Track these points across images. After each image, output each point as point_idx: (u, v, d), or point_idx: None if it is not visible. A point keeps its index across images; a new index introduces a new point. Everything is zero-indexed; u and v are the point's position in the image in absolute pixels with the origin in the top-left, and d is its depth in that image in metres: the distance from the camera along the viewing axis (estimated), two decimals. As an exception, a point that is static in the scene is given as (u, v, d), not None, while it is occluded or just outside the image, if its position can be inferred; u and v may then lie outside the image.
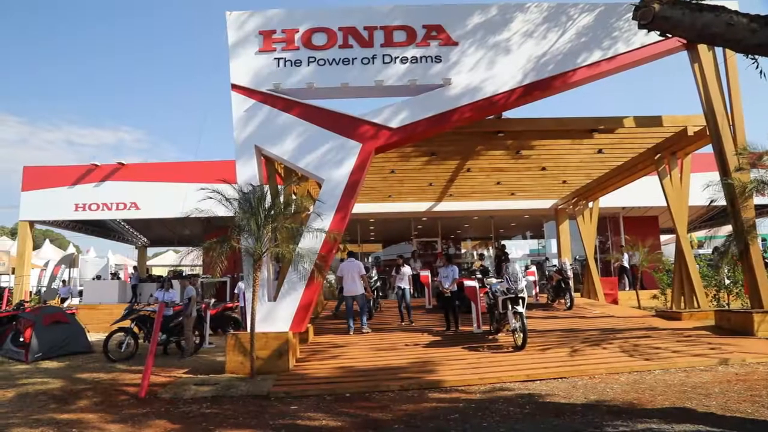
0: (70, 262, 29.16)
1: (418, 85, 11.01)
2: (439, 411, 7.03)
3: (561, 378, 8.39)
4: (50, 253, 36.27)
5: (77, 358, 12.51)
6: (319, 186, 11.06)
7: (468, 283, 12.66)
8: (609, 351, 9.79)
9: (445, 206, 20.88)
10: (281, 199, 10.38)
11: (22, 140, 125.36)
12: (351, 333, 12.61)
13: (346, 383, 8.71)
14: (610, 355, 9.49)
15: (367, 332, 12.45)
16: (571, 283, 15.42)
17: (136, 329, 12.48)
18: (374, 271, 15.55)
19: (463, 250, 27.84)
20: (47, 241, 48.74)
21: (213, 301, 13.84)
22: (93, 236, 29.50)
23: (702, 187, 11.45)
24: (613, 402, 6.99)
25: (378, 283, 15.70)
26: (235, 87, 11.17)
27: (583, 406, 6.87)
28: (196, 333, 12.93)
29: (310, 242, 10.21)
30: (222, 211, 9.83)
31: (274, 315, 10.24)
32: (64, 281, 26.09)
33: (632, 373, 8.51)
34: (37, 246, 47.67)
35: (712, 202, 11.51)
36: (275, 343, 9.80)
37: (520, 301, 10.41)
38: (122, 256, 39.90)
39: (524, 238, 28.97)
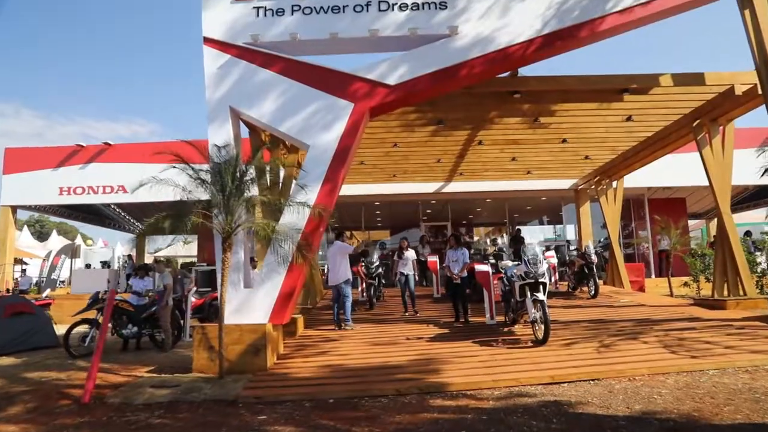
0: (71, 251, 28.01)
1: (420, 36, 9.38)
2: (441, 425, 5.50)
3: (593, 380, 6.82)
4: (58, 244, 35.09)
5: (39, 353, 11.08)
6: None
7: (480, 267, 11.08)
8: (648, 346, 8.18)
9: (456, 187, 19.24)
10: (261, 168, 8.78)
11: (37, 134, 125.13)
12: (338, 329, 11.06)
13: (331, 386, 7.23)
14: (651, 351, 7.88)
15: (350, 328, 10.87)
16: (595, 269, 13.77)
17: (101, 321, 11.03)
18: (376, 256, 13.98)
19: (475, 238, 26.19)
20: (55, 231, 47.84)
21: (194, 289, 12.41)
22: (88, 224, 28.31)
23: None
24: (665, 414, 5.40)
25: (380, 270, 14.14)
26: (207, 41, 9.62)
27: (627, 419, 5.31)
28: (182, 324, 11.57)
29: (293, 219, 8.69)
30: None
31: (250, 304, 8.73)
32: (23, 270, 24.79)
33: (681, 374, 6.92)
34: (45, 236, 46.79)
35: (766, 171, 9.81)
36: (250, 338, 8.31)
37: (541, 287, 8.83)
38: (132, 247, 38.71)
39: (541, 223, 27.21)
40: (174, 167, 8.41)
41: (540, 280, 8.79)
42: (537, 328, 8.72)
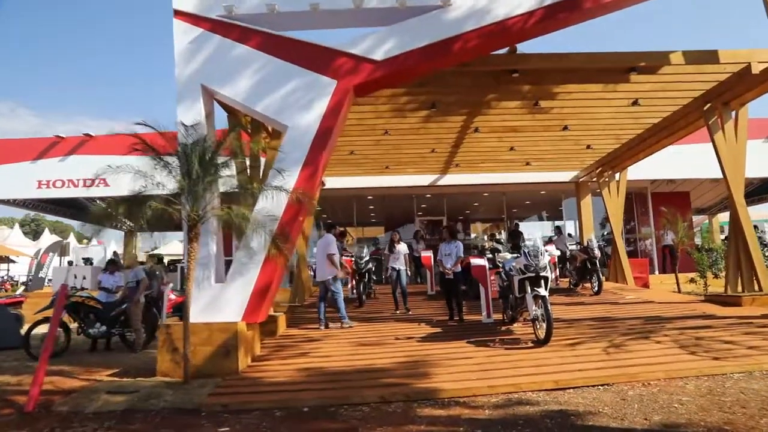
0: (60, 249, 27.14)
1: (409, 7, 8.55)
2: (428, 440, 4.69)
3: (603, 385, 6.02)
4: (50, 243, 34.17)
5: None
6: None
7: (476, 261, 10.27)
8: (662, 346, 7.38)
9: (451, 179, 18.37)
10: (234, 150, 7.92)
11: (36, 132, 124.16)
12: (322, 328, 10.26)
13: (307, 392, 6.44)
14: (666, 352, 7.08)
15: (348, 326, 10.05)
16: (598, 263, 12.96)
17: (67, 319, 10.20)
18: (365, 251, 13.15)
19: (473, 235, 25.31)
20: (47, 230, 46.88)
21: (170, 285, 11.57)
22: (75, 221, 27.46)
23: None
24: (691, 428, 4.61)
25: (370, 266, 13.31)
26: (178, 14, 8.81)
27: (647, 434, 4.50)
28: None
29: (269, 207, 7.88)
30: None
31: (221, 301, 7.91)
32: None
33: (702, 379, 6.12)
34: (40, 236, 45.73)
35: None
36: (221, 337, 7.50)
37: (542, 281, 8.01)
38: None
39: (540, 219, 26.34)
40: (160, 158, 7.57)
41: (541, 274, 7.98)
42: (538, 326, 7.91)
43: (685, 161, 18.76)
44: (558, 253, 8.14)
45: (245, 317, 7.84)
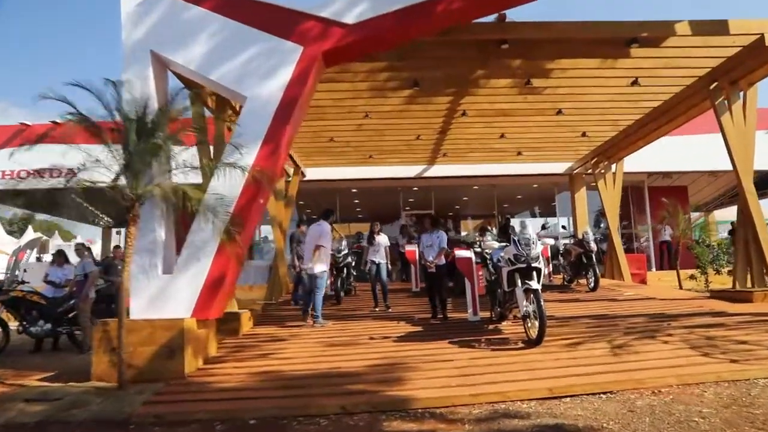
0: (38, 246, 26.00)
1: (386, -36, 7.60)
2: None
3: (606, 393, 5.06)
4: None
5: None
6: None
7: (461, 253, 9.30)
8: (671, 347, 6.44)
9: (439, 170, 17.38)
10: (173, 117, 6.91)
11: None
12: (318, 324, 9.28)
13: (259, 400, 5.47)
14: (676, 354, 6.14)
15: (320, 325, 9.07)
16: (594, 258, 12.03)
17: (5, 316, 9.19)
18: (344, 244, 12.16)
19: (463, 233, 24.29)
20: (30, 228, 45.56)
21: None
22: (44, 214, 26.32)
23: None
24: (720, 449, 3.65)
25: (348, 260, 12.30)
26: (126, -28, 7.81)
27: (666, 458, 3.55)
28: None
29: (224, 187, 6.90)
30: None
31: (168, 294, 6.92)
32: None
33: (721, 385, 5.18)
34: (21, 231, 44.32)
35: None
36: (164, 336, 6.50)
37: (534, 273, 7.05)
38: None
39: (533, 215, 25.38)
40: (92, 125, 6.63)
41: (533, 265, 7.01)
42: (530, 324, 6.95)
43: (682, 153, 17.94)
44: (552, 241, 7.27)
45: (195, 313, 6.86)
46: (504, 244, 7.75)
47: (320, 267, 9.37)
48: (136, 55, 7.54)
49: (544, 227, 13.15)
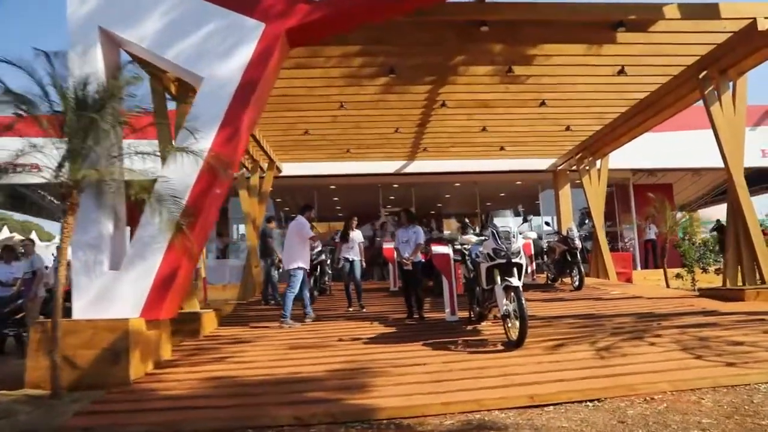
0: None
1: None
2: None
3: (593, 401, 4.52)
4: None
5: None
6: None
7: (438, 249, 8.76)
8: (662, 349, 5.92)
9: (420, 166, 16.84)
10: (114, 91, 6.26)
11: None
12: (286, 325, 8.71)
13: (205, 410, 4.89)
14: (668, 357, 5.62)
15: (288, 327, 8.51)
16: (579, 256, 11.54)
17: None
18: (317, 241, 11.53)
19: (446, 232, 23.71)
20: (6, 228, 44.31)
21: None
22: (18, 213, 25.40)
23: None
24: (728, 470, 3.11)
25: (322, 257, 11.71)
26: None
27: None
28: None
29: (177, 175, 6.31)
30: None
31: (115, 293, 6.28)
32: None
33: (720, 391, 4.66)
34: (-2, 234, 43.12)
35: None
36: (107, 338, 5.87)
37: (515, 269, 6.51)
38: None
39: (517, 214, 24.85)
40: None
41: (513, 260, 6.47)
42: (510, 325, 6.41)
43: (667, 150, 17.70)
44: (534, 234, 6.74)
45: (144, 313, 6.23)
46: (483, 238, 7.20)
47: (294, 264, 8.84)
48: (82, 31, 6.86)
49: (526, 220, 12.51)
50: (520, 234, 6.89)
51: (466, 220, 7.52)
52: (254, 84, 6.71)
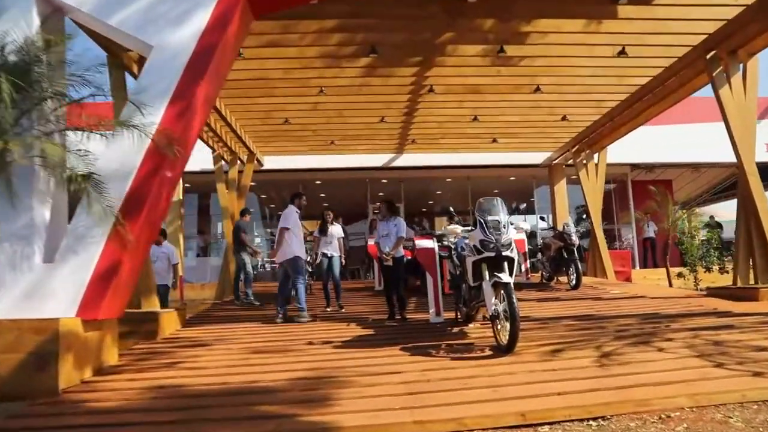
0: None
1: None
2: None
3: (597, 419, 3.74)
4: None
5: None
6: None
7: (421, 243, 7.97)
8: (675, 355, 5.12)
9: (409, 160, 16.07)
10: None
11: None
12: (279, 320, 8.28)
13: (137, 426, 4.09)
14: (683, 365, 4.81)
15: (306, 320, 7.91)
16: (576, 252, 10.78)
17: None
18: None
19: (438, 231, 22.84)
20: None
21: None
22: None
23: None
24: None
25: (301, 253, 10.89)
26: None
27: None
28: None
29: (120, 155, 5.51)
30: None
31: (47, 289, 5.45)
32: None
33: (749, 407, 3.90)
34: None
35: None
36: (33, 342, 5.03)
37: (505, 264, 5.72)
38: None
39: (511, 212, 24.03)
40: None
41: (504, 254, 5.68)
42: (499, 327, 5.61)
43: (667, 143, 17.06)
44: (527, 226, 6.02)
45: (81, 312, 5.41)
46: (469, 228, 6.41)
47: (290, 255, 8.44)
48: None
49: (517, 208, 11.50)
50: (512, 225, 6.10)
51: (451, 209, 6.70)
52: (210, 53, 5.92)
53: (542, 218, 14.73)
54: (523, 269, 12.84)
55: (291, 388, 4.78)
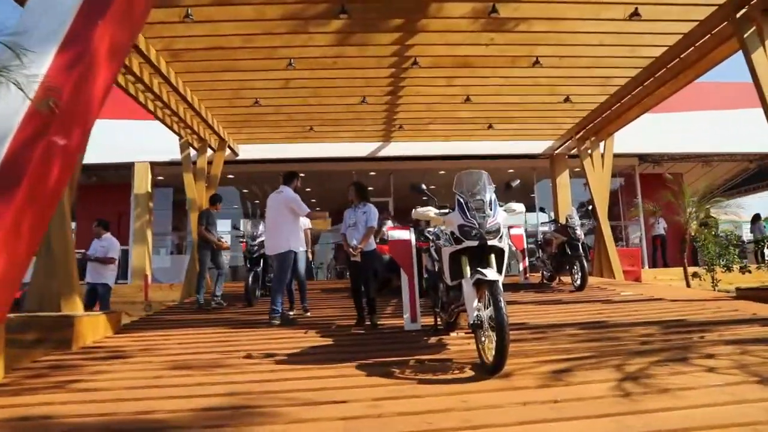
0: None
1: None
2: None
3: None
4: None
5: None
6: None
7: (395, 234, 6.64)
8: (723, 380, 3.74)
9: (397, 149, 14.66)
10: None
11: None
12: (274, 322, 7.02)
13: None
14: (739, 396, 3.43)
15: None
16: (581, 248, 9.44)
17: None
18: (260, 229, 9.39)
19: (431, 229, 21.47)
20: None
21: None
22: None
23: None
24: None
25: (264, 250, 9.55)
26: None
27: None
28: None
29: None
30: None
31: None
32: None
33: None
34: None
35: None
36: None
37: (492, 256, 4.38)
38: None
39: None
40: None
41: (489, 243, 4.34)
42: (483, 339, 4.25)
43: (679, 133, 16.12)
44: (522, 207, 4.88)
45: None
46: (446, 211, 5.06)
47: (287, 247, 7.31)
48: None
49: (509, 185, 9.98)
50: (501, 206, 4.76)
51: (423, 186, 5.42)
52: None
53: (542, 210, 13.42)
54: (521, 268, 11.55)
55: (190, 423, 3.45)
